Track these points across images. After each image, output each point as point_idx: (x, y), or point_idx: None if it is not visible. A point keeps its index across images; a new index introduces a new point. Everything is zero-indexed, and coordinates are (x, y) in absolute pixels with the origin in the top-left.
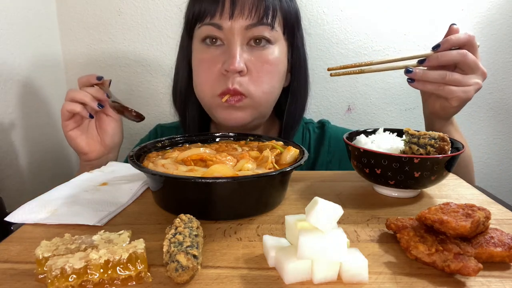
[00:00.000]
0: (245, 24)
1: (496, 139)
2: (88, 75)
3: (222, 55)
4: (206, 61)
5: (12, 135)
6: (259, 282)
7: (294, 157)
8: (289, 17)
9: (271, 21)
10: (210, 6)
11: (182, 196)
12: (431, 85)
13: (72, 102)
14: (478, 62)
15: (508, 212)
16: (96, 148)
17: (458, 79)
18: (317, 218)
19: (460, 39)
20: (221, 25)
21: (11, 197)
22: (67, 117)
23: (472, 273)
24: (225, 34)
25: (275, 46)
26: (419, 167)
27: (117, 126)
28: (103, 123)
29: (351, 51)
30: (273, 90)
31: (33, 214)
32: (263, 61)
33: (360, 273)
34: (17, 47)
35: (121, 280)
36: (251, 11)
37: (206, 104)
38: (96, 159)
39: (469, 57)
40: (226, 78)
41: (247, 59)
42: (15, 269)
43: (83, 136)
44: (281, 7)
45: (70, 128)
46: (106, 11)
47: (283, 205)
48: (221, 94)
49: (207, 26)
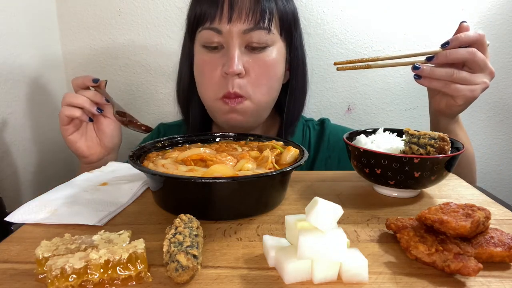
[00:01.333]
0: (243, 28)
1: (496, 139)
2: (83, 77)
3: (221, 58)
4: (207, 64)
5: (12, 135)
6: (259, 282)
7: (294, 157)
8: (286, 17)
9: (267, 25)
10: (209, 9)
11: (182, 196)
12: (437, 82)
13: (70, 107)
14: (487, 61)
15: (508, 212)
16: (97, 150)
17: (466, 77)
18: (317, 218)
19: (470, 37)
20: (220, 29)
21: (11, 197)
22: (66, 122)
23: (472, 273)
24: (224, 38)
25: (272, 48)
26: (419, 167)
27: (116, 128)
28: (102, 125)
29: (351, 51)
30: (271, 91)
31: (33, 214)
32: (261, 63)
33: (360, 273)
34: (17, 47)
35: (121, 280)
36: (248, 15)
37: (209, 107)
38: (96, 161)
39: (478, 55)
40: (226, 80)
41: (245, 61)
42: (15, 269)
43: (82, 140)
44: (278, 9)
45: (69, 133)
46: (106, 11)
47: (283, 205)
48: (222, 97)
49: (208, 30)
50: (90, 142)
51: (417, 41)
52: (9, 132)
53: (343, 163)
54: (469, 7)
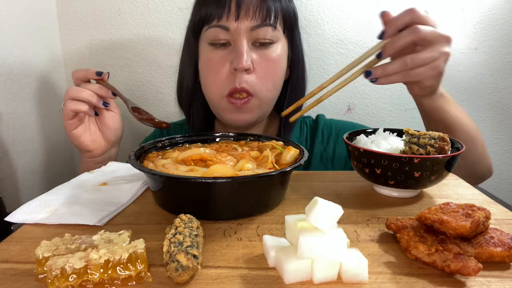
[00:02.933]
0: (250, 25)
1: (496, 139)
2: (84, 70)
3: (229, 55)
4: (214, 61)
5: (12, 135)
6: (259, 282)
7: (294, 157)
8: (289, 16)
9: (273, 22)
10: (216, 9)
11: (182, 196)
12: (395, 76)
13: (76, 101)
14: (436, 30)
15: (508, 212)
16: (101, 144)
17: (421, 58)
18: (317, 218)
19: (403, 17)
20: (228, 26)
21: (11, 197)
22: (71, 116)
23: (472, 273)
24: (231, 35)
25: (277, 44)
26: (419, 167)
27: (118, 120)
28: (105, 118)
29: (351, 51)
30: (276, 87)
31: (33, 214)
32: (267, 59)
33: (360, 273)
34: (17, 47)
35: (121, 280)
36: (255, 13)
37: (214, 105)
38: (100, 155)
39: (423, 30)
40: (234, 77)
41: (252, 58)
42: (15, 269)
43: (86, 134)
44: (282, 8)
45: (74, 127)
46: (106, 11)
47: (283, 205)
48: (229, 94)
49: (215, 28)
50: (94, 136)
51: None
52: (9, 132)
53: (338, 155)
54: (469, 7)
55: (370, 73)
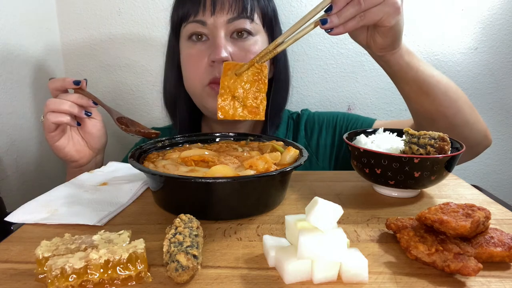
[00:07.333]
0: (227, 18)
1: (496, 139)
2: (61, 79)
3: (208, 49)
4: (193, 55)
5: (12, 135)
6: (259, 282)
7: (294, 157)
8: (267, 12)
9: (250, 14)
10: (193, 6)
11: (182, 196)
12: (352, 21)
13: (57, 113)
14: None
15: (508, 212)
16: (86, 153)
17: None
18: (317, 218)
19: None
20: (204, 21)
21: (11, 197)
22: (53, 129)
23: (472, 273)
24: (209, 29)
25: (256, 37)
26: (419, 167)
27: (102, 127)
28: (87, 127)
29: (351, 51)
30: None
31: (33, 214)
32: (246, 50)
33: (360, 273)
34: (17, 47)
35: (121, 280)
36: (231, 6)
37: (197, 97)
38: (86, 164)
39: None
40: (213, 68)
41: (231, 50)
42: (15, 269)
43: (70, 144)
44: (259, 3)
45: (57, 139)
46: (106, 11)
47: (283, 205)
48: (209, 83)
49: (192, 23)
50: (78, 146)
51: (417, 40)
52: (9, 132)
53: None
54: (469, 7)
55: (326, 21)
